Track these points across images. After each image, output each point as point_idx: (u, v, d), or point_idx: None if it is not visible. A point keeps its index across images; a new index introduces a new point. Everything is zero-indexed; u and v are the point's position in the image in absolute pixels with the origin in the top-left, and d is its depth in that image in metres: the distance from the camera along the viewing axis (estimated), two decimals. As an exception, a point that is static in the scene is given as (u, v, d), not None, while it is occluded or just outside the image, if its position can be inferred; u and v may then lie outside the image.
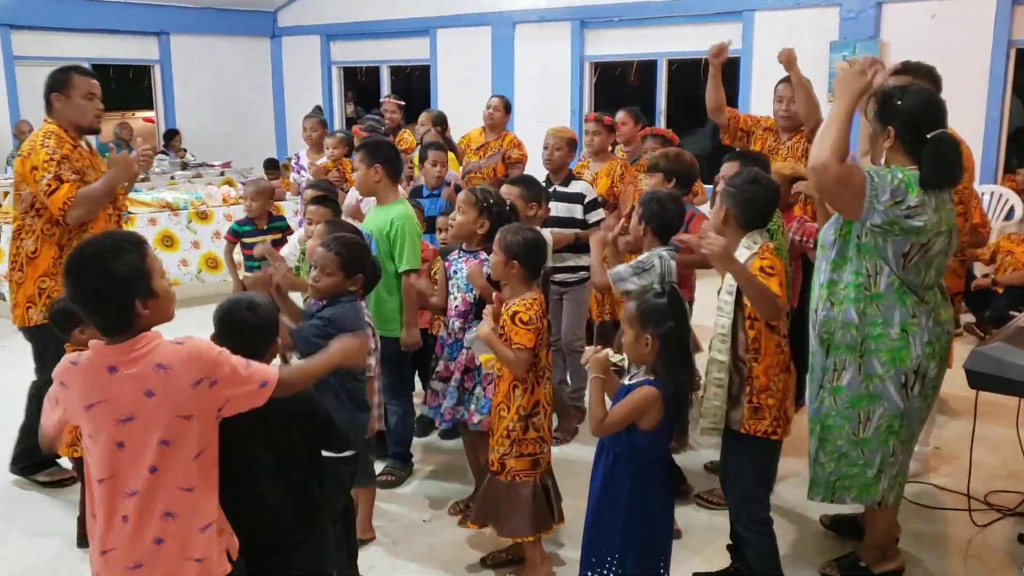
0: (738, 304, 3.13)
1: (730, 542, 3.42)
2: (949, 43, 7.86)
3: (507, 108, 6.96)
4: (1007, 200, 7.75)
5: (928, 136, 2.96)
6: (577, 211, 4.83)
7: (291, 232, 5.67)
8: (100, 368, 2.15)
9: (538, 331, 3.31)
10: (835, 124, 2.96)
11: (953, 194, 3.14)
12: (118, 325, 2.16)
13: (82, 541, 3.70)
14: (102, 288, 2.14)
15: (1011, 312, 3.56)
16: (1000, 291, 6.71)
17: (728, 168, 4.00)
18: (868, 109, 3.13)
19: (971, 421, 3.86)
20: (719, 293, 3.24)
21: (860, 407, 3.13)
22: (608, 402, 2.89)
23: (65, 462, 4.17)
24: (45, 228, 4.12)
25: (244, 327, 2.52)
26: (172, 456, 2.15)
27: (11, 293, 4.24)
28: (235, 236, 5.74)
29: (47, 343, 3.95)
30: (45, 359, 4.06)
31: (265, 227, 5.69)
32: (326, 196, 4.65)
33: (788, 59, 4.57)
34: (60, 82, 4.12)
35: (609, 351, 2.94)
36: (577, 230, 4.79)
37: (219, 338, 2.47)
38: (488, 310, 3.46)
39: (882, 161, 3.06)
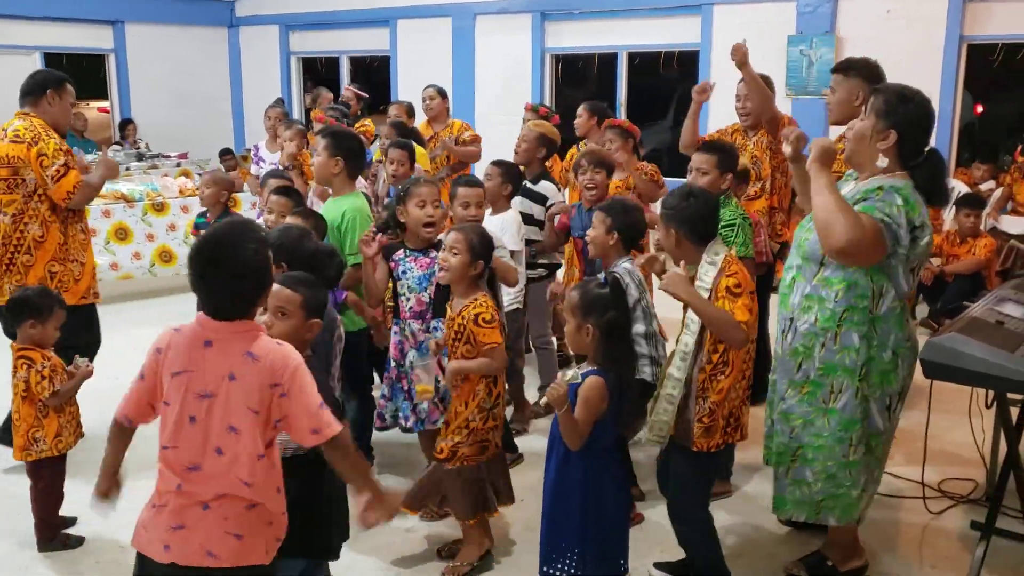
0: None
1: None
2: (903, 38, 8.01)
3: (443, 95, 6.94)
4: (959, 193, 7.88)
5: (926, 149, 2.96)
6: (538, 211, 4.83)
7: None
8: (198, 339, 2.23)
9: (501, 324, 3.32)
10: (832, 194, 2.86)
11: None
12: (243, 311, 2.23)
13: (44, 545, 3.63)
14: (240, 273, 2.20)
15: (964, 303, 3.60)
16: (950, 280, 6.86)
17: (700, 159, 4.05)
18: (869, 104, 3.04)
19: (922, 410, 3.93)
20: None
21: (853, 430, 3.07)
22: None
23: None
24: (47, 213, 4.43)
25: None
26: (239, 444, 2.19)
27: (9, 275, 4.43)
28: (196, 230, 5.65)
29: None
30: None
31: (215, 220, 5.58)
32: (289, 187, 4.59)
33: (742, 56, 4.62)
34: (58, 83, 4.52)
35: (567, 376, 2.91)
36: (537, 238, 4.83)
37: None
38: (432, 346, 3.55)
39: (880, 164, 3.01)
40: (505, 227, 4.44)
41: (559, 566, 2.97)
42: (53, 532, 3.65)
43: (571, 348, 2.97)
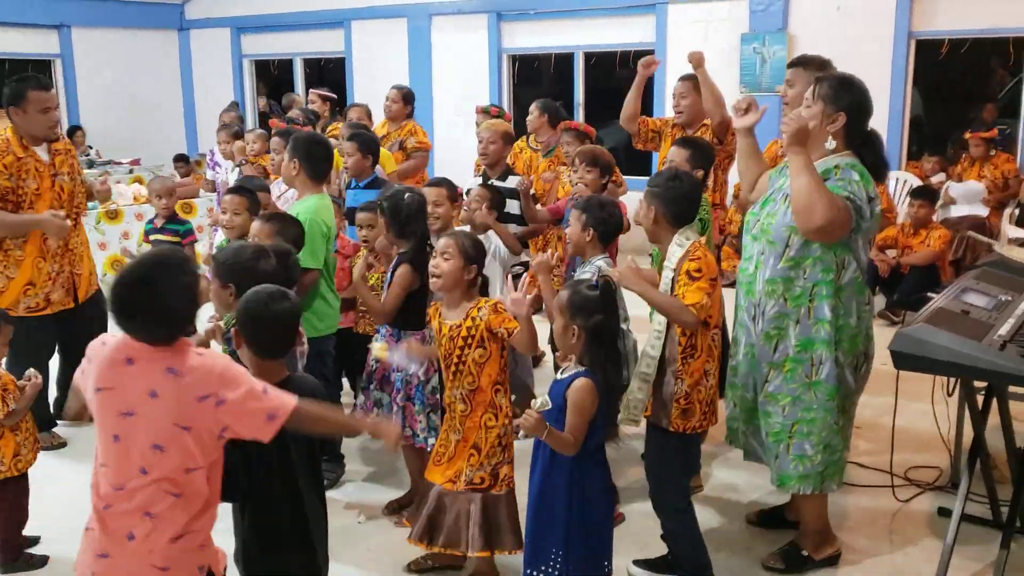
0: None
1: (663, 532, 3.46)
2: (853, 35, 8.16)
3: (406, 99, 6.91)
4: (911, 185, 8.05)
5: (868, 129, 3.16)
6: (515, 207, 4.83)
7: (192, 239, 5.50)
8: (120, 356, 2.16)
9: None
10: (810, 174, 3.00)
11: None
12: (169, 337, 2.17)
13: (8, 565, 3.53)
14: (166, 315, 2.15)
15: (928, 294, 3.69)
16: (905, 272, 7.00)
17: (676, 153, 4.09)
18: (814, 91, 3.20)
19: (886, 398, 4.00)
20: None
21: (837, 396, 3.23)
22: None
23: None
24: None
25: (269, 319, 2.52)
26: (164, 463, 2.13)
27: None
28: (147, 236, 5.54)
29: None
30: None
31: (161, 226, 5.48)
32: (242, 186, 4.50)
33: (698, 60, 4.78)
34: (15, 97, 4.34)
35: (536, 405, 2.84)
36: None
37: (243, 331, 2.53)
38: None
39: (828, 146, 3.16)
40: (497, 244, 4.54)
41: (543, 567, 2.95)
42: (17, 552, 3.56)
43: (557, 346, 2.97)
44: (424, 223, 3.82)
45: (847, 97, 3.16)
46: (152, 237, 5.45)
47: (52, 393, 4.93)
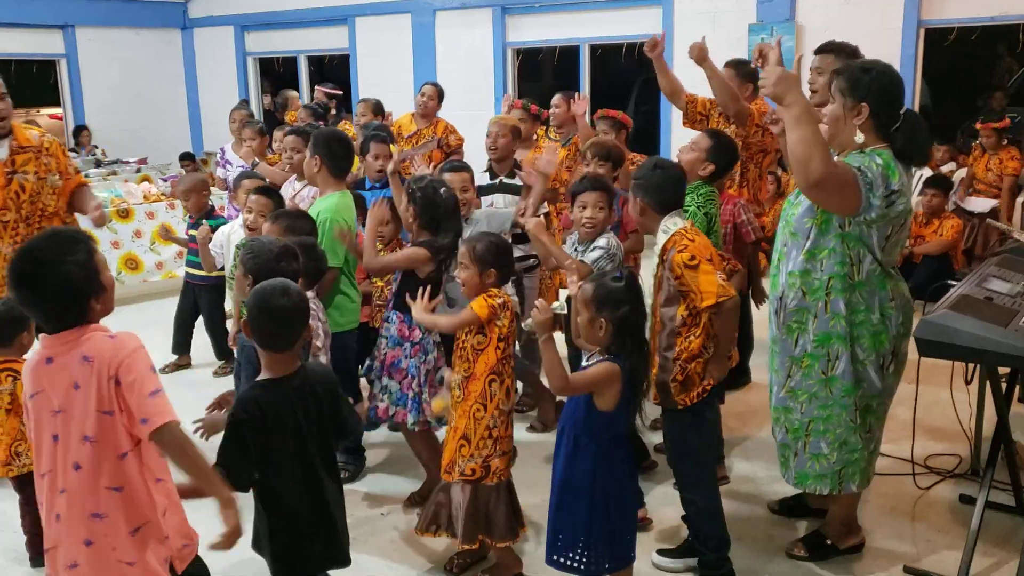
0: (659, 287, 3.20)
1: (684, 513, 3.48)
2: (862, 24, 8.13)
3: (440, 96, 6.90)
4: (921, 175, 8.02)
5: (901, 112, 3.00)
6: (512, 202, 4.80)
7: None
8: (41, 359, 2.17)
9: (516, 315, 3.29)
10: (806, 125, 2.83)
11: None
12: (72, 322, 2.15)
13: (36, 560, 3.53)
14: (58, 292, 2.10)
15: (949, 283, 3.65)
16: (918, 261, 6.99)
17: (700, 138, 4.09)
18: (833, 87, 3.09)
19: (902, 386, 3.98)
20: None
21: (855, 394, 3.15)
22: (567, 367, 2.90)
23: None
24: None
25: (278, 312, 2.52)
26: (96, 454, 2.12)
27: None
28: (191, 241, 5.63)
29: None
30: None
31: (195, 222, 5.54)
32: (269, 188, 4.54)
33: (699, 54, 4.60)
34: None
35: (554, 305, 2.94)
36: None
37: (253, 325, 2.50)
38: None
39: (857, 140, 3.04)
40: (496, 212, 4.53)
41: (567, 554, 2.97)
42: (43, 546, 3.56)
43: (583, 339, 2.96)
44: (458, 220, 3.80)
45: (865, 85, 2.99)
46: (190, 232, 5.51)
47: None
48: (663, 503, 3.89)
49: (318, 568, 2.72)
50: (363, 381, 4.91)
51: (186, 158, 11.14)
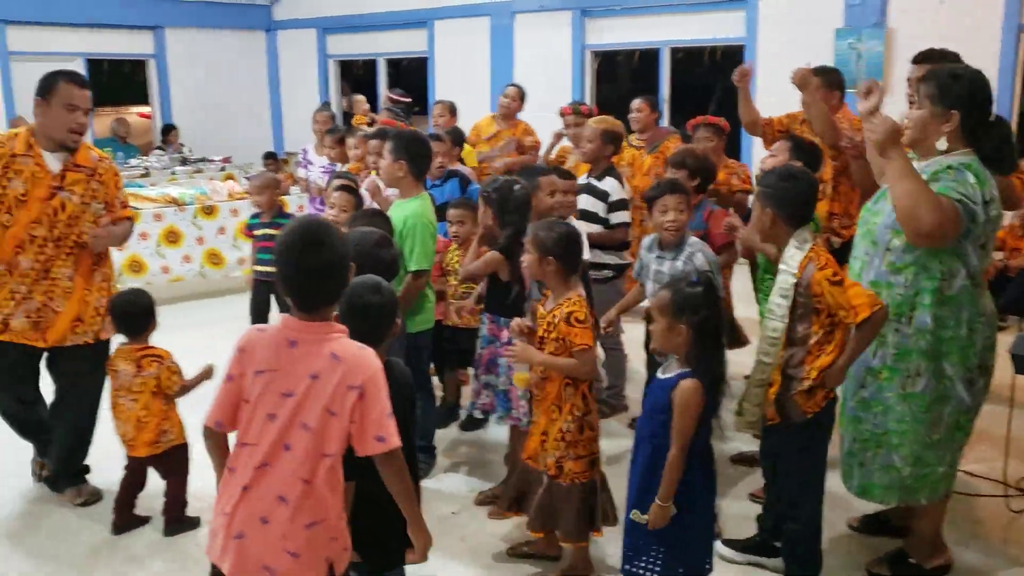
0: (794, 308, 3.05)
1: (760, 512, 3.47)
2: (957, 28, 7.82)
3: (523, 98, 6.91)
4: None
5: (990, 120, 2.93)
6: (600, 208, 4.75)
7: None
8: (284, 340, 2.25)
9: (594, 327, 3.25)
10: (911, 179, 2.82)
11: None
12: (326, 303, 2.29)
13: (172, 528, 3.75)
14: (338, 265, 2.27)
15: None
16: (1013, 275, 6.71)
17: (780, 146, 3.99)
18: (920, 91, 3.04)
19: (993, 405, 3.81)
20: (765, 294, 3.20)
21: (934, 411, 3.07)
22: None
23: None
24: None
25: (370, 308, 2.60)
26: (307, 444, 2.20)
27: None
28: (249, 231, 5.75)
29: None
30: None
31: (269, 220, 5.64)
32: (350, 185, 4.59)
33: (802, 80, 4.42)
34: (44, 87, 3.71)
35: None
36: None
37: (343, 319, 2.54)
38: (515, 324, 3.40)
39: (940, 146, 2.97)
40: None
41: (641, 562, 2.94)
42: (181, 514, 3.78)
43: (661, 348, 2.92)
44: (526, 217, 3.80)
45: (955, 93, 2.93)
46: (258, 232, 5.62)
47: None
48: (733, 509, 3.82)
49: (398, 562, 2.76)
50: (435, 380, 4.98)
51: (268, 157, 11.38)
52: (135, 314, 3.71)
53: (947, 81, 2.96)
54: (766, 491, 3.50)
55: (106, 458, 4.06)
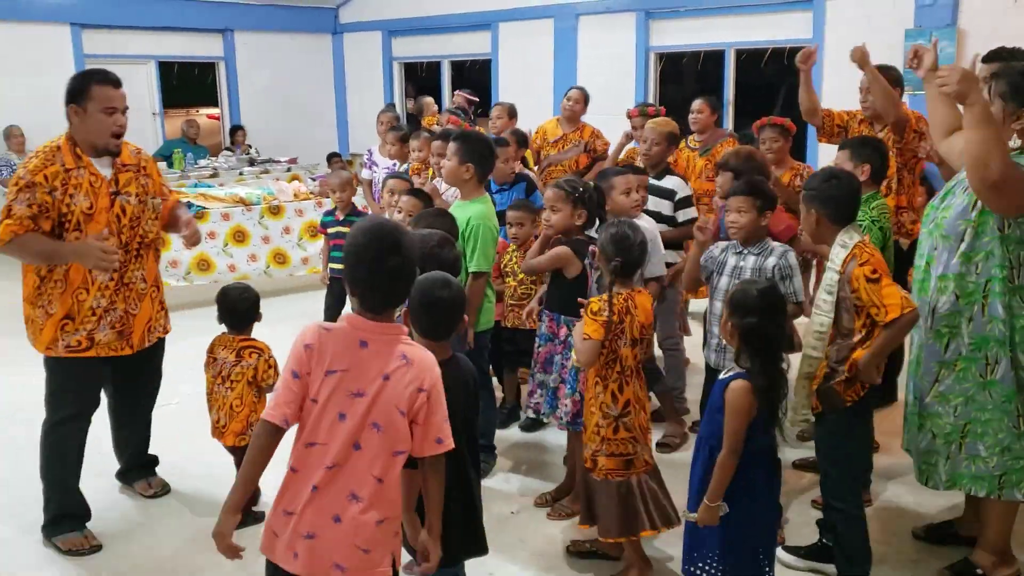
0: (838, 304, 3.10)
1: (820, 517, 3.45)
2: (1032, 28, 7.62)
3: (586, 100, 6.91)
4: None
5: None
6: (666, 207, 4.75)
7: None
8: (354, 340, 2.27)
9: (607, 324, 3.20)
10: (987, 126, 2.83)
11: None
12: (395, 304, 2.35)
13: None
14: (408, 268, 2.33)
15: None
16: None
17: (840, 157, 3.95)
18: (992, 90, 3.02)
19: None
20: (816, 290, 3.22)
21: (1016, 400, 3.07)
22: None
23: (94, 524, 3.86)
24: None
25: (439, 303, 2.66)
26: (378, 442, 2.23)
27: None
28: (323, 228, 5.92)
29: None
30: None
31: (343, 218, 5.78)
32: (419, 189, 4.67)
33: (861, 58, 4.46)
34: (76, 92, 3.54)
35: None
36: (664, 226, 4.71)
37: (414, 314, 2.63)
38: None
39: (1012, 144, 2.97)
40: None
41: (701, 564, 2.96)
42: (249, 507, 3.76)
43: (724, 338, 2.99)
44: (599, 215, 3.91)
45: None
46: (332, 230, 5.76)
47: (98, 462, 4.12)
48: (795, 515, 3.78)
49: (461, 556, 2.81)
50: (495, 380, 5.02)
51: (334, 157, 11.57)
52: (244, 309, 3.87)
53: (1018, 79, 2.97)
54: None
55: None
